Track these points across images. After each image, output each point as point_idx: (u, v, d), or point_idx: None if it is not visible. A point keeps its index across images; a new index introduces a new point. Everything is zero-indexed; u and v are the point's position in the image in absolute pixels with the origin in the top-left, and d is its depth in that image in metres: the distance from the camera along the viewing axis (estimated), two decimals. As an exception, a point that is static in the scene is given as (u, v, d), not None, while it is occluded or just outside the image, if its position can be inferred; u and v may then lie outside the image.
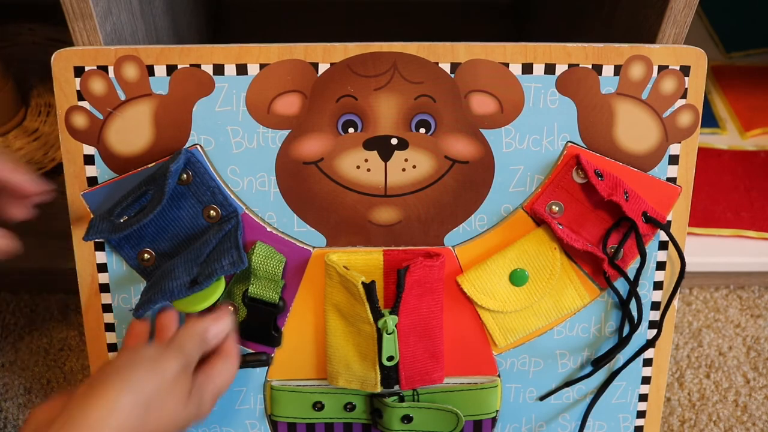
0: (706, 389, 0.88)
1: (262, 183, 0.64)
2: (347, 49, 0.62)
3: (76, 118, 0.63)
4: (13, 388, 0.87)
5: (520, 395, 0.70)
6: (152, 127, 0.63)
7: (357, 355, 0.66)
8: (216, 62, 0.62)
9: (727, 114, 1.07)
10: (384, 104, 0.63)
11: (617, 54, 0.63)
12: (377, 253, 0.66)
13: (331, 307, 0.66)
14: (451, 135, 0.64)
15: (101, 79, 0.62)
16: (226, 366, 0.61)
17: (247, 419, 0.70)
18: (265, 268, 0.64)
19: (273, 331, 0.67)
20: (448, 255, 0.66)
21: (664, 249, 0.67)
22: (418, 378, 0.67)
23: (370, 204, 0.65)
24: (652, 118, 0.64)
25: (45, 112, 0.96)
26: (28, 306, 0.93)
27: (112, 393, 0.52)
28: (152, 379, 0.54)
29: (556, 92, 0.63)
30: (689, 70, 0.63)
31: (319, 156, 0.64)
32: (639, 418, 0.72)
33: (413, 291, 0.64)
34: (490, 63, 0.62)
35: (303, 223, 0.66)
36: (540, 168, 0.65)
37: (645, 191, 0.65)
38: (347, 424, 0.71)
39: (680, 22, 0.63)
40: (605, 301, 0.68)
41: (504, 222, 0.66)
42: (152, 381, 0.54)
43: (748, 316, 0.95)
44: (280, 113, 0.63)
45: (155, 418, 0.53)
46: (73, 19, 0.59)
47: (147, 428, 0.53)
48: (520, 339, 0.68)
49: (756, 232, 0.94)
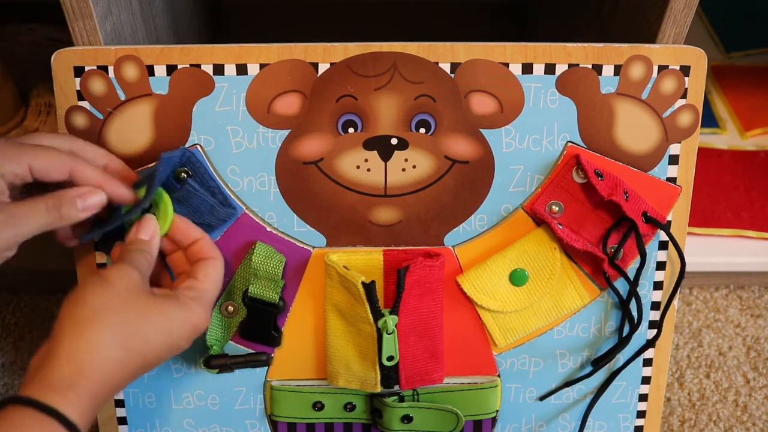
0: (706, 389, 0.88)
1: (262, 183, 0.64)
2: (347, 49, 0.62)
3: (76, 118, 0.63)
4: (13, 388, 0.87)
5: (520, 395, 0.70)
6: (152, 127, 0.63)
7: (357, 355, 0.66)
8: (216, 62, 0.62)
9: (727, 114, 1.07)
10: (384, 104, 0.63)
11: (617, 54, 0.63)
12: (377, 253, 0.66)
13: (331, 307, 0.66)
14: (451, 135, 0.64)
15: (101, 79, 0.62)
16: (207, 269, 0.59)
17: (247, 419, 0.70)
18: (265, 268, 0.64)
19: (273, 331, 0.67)
20: (448, 255, 0.66)
21: (664, 249, 0.67)
22: (418, 378, 0.67)
23: (370, 204, 0.65)
24: (652, 118, 0.64)
25: (45, 112, 0.96)
26: (28, 306, 0.93)
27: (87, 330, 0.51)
28: (102, 295, 0.53)
29: (556, 92, 0.63)
30: (689, 70, 0.63)
31: (319, 156, 0.64)
32: (639, 418, 0.72)
33: (413, 291, 0.64)
34: (490, 63, 0.62)
35: (303, 223, 0.66)
36: (540, 168, 0.65)
37: (645, 191, 0.65)
38: (347, 424, 0.71)
39: (680, 22, 0.63)
40: (605, 301, 0.68)
41: (504, 222, 0.66)
42: (102, 297, 0.53)
43: (748, 316, 0.95)
44: (280, 113, 0.63)
45: (136, 336, 0.53)
46: (73, 19, 0.59)
47: (134, 352, 0.52)
48: (520, 339, 0.68)
49: (756, 232, 0.94)
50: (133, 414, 0.70)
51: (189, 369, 0.68)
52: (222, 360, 0.65)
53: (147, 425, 0.70)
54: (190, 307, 0.56)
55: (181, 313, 0.55)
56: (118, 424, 0.70)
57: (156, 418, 0.70)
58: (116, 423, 0.70)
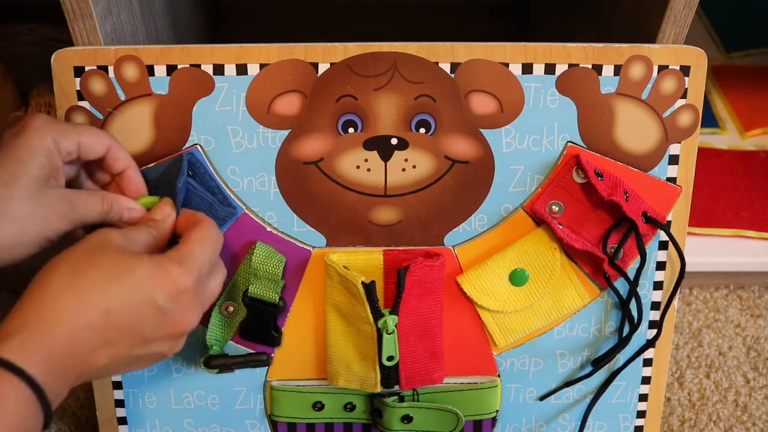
0: (706, 389, 0.88)
1: (262, 183, 0.64)
2: (347, 49, 0.62)
3: (77, 118, 0.63)
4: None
5: (520, 395, 0.70)
6: (152, 127, 0.63)
7: (357, 355, 0.66)
8: (216, 62, 0.62)
9: (727, 114, 1.07)
10: (384, 104, 0.63)
11: (617, 54, 0.63)
12: (377, 253, 0.66)
13: (331, 307, 0.66)
14: (451, 135, 0.64)
15: (101, 79, 0.62)
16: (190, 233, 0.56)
17: (247, 419, 0.70)
18: (265, 268, 0.64)
19: (273, 331, 0.67)
20: (448, 255, 0.66)
21: (664, 249, 0.67)
22: (418, 378, 0.67)
23: (370, 204, 0.65)
24: (652, 118, 0.64)
25: (45, 112, 0.96)
26: (28, 306, 0.93)
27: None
28: (69, 251, 0.52)
29: (556, 92, 0.63)
30: (689, 70, 0.63)
31: (319, 156, 0.64)
32: (639, 418, 0.72)
33: (413, 291, 0.64)
34: (490, 63, 0.62)
35: (303, 223, 0.66)
36: (540, 168, 0.65)
37: (645, 191, 0.65)
38: (347, 424, 0.71)
39: (680, 22, 0.63)
40: (605, 301, 0.68)
41: (504, 222, 0.66)
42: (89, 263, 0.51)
43: (748, 316, 0.95)
44: (280, 113, 0.63)
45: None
46: (73, 19, 0.59)
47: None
48: (520, 339, 0.68)
49: (756, 232, 0.94)
50: (133, 414, 0.70)
51: (189, 369, 0.68)
52: (222, 360, 0.65)
53: (147, 425, 0.70)
54: (161, 263, 0.52)
55: (148, 267, 0.51)
56: (118, 424, 0.70)
57: (156, 418, 0.70)
58: (116, 423, 0.70)
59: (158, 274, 0.51)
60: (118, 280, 0.50)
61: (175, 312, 0.52)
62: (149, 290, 0.51)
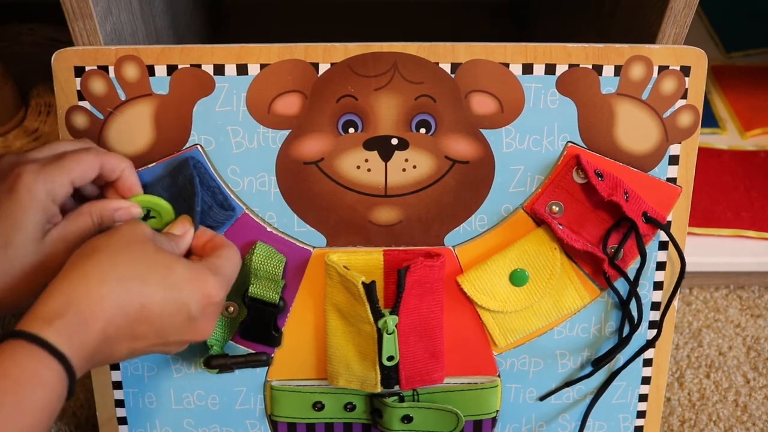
0: (706, 389, 0.88)
1: (262, 183, 0.64)
2: (347, 49, 0.62)
3: (77, 118, 0.63)
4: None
5: (520, 395, 0.70)
6: (152, 127, 0.63)
7: (357, 355, 0.66)
8: (216, 62, 0.62)
9: (727, 114, 1.07)
10: (384, 104, 0.63)
11: (617, 54, 0.63)
12: (377, 253, 0.66)
13: (331, 307, 0.66)
14: (451, 135, 0.64)
15: (101, 79, 0.62)
16: (222, 251, 0.57)
17: (247, 419, 0.70)
18: (265, 268, 0.64)
19: (273, 331, 0.67)
20: (449, 255, 0.66)
21: (664, 249, 0.67)
22: (418, 378, 0.67)
23: (371, 204, 0.65)
24: (653, 118, 0.64)
25: (45, 112, 0.96)
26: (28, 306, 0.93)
27: None
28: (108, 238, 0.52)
29: (557, 92, 0.63)
30: (689, 70, 0.63)
31: (320, 156, 0.64)
32: (639, 418, 0.72)
33: (413, 291, 0.64)
34: (491, 63, 0.62)
35: (303, 223, 0.66)
36: (540, 168, 0.65)
37: (645, 191, 0.65)
38: (347, 424, 0.71)
39: (680, 22, 0.63)
40: (605, 301, 0.68)
41: (504, 222, 0.66)
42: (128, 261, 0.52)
43: (748, 316, 0.95)
44: (281, 113, 0.63)
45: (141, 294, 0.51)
46: (73, 19, 0.59)
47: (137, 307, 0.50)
48: (520, 339, 0.68)
49: (756, 232, 0.94)
50: (133, 414, 0.70)
51: (189, 369, 0.68)
52: (222, 360, 0.65)
53: (147, 425, 0.70)
54: (199, 270, 0.53)
55: (187, 271, 0.53)
56: (118, 424, 0.70)
57: (156, 418, 0.70)
58: (116, 423, 0.70)
59: (196, 279, 0.53)
60: (159, 275, 0.52)
61: (200, 320, 0.54)
62: (185, 293, 0.52)
